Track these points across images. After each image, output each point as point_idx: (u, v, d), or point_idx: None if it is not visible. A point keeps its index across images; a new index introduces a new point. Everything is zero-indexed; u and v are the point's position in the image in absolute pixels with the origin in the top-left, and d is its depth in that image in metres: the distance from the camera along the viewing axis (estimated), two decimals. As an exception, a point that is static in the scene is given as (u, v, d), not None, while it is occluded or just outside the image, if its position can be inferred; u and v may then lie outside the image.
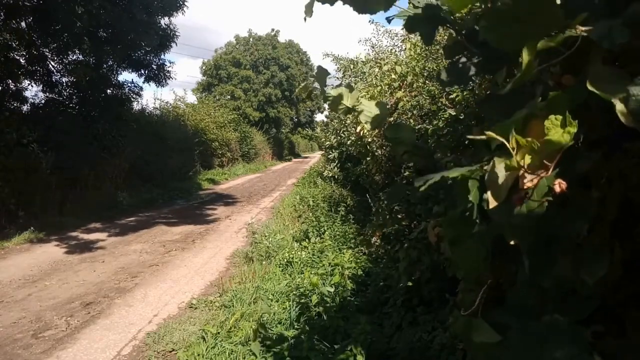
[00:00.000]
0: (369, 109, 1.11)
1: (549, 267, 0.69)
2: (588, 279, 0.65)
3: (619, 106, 0.59)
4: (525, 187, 0.64)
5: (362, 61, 7.17)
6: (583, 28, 0.60)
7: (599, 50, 0.62)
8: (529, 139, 0.63)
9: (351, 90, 1.17)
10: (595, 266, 0.66)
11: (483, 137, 0.65)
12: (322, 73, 1.13)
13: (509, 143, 0.63)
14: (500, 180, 0.66)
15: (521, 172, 0.64)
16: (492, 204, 0.68)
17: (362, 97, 1.16)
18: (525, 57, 0.63)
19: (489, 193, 0.68)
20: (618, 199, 0.71)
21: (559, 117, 0.61)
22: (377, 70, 5.35)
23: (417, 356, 2.65)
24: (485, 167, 0.70)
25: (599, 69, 0.62)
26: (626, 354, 0.69)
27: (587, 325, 0.66)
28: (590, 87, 0.60)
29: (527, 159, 0.63)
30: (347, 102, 1.09)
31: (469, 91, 3.02)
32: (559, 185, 0.61)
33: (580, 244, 0.68)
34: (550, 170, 0.63)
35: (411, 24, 1.01)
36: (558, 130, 0.61)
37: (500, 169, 0.66)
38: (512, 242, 0.69)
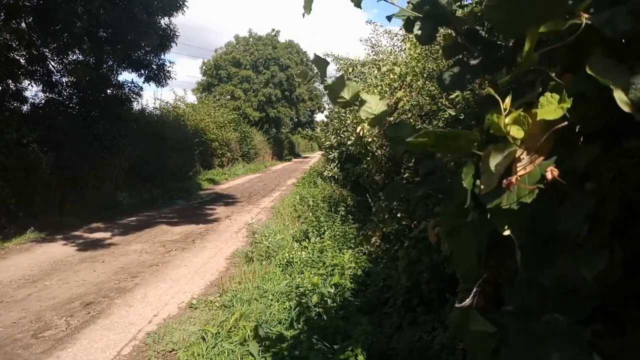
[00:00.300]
0: (369, 104, 1.10)
1: (547, 264, 0.69)
2: (587, 273, 0.65)
3: (618, 94, 0.58)
4: (518, 173, 0.64)
5: (361, 63, 7.16)
6: (587, 15, 0.59)
7: (601, 41, 0.62)
8: (521, 112, 0.62)
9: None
10: (595, 259, 0.65)
11: (483, 92, 0.65)
12: (321, 63, 1.12)
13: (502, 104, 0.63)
14: (493, 165, 0.65)
15: (517, 153, 0.64)
16: (484, 189, 0.67)
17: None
18: (527, 43, 0.62)
19: (481, 178, 0.67)
20: (618, 198, 0.71)
21: (556, 95, 0.61)
22: (376, 71, 5.35)
23: (417, 356, 2.65)
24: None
25: (600, 61, 0.61)
26: (626, 353, 0.69)
27: (587, 325, 0.66)
28: (589, 71, 0.60)
29: (517, 131, 0.63)
30: (346, 94, 1.08)
31: (469, 91, 3.02)
32: (551, 172, 0.61)
33: (579, 244, 0.68)
34: (541, 144, 0.62)
35: (410, 24, 1.01)
36: (552, 107, 0.61)
37: (494, 155, 0.65)
38: (505, 233, 0.68)
